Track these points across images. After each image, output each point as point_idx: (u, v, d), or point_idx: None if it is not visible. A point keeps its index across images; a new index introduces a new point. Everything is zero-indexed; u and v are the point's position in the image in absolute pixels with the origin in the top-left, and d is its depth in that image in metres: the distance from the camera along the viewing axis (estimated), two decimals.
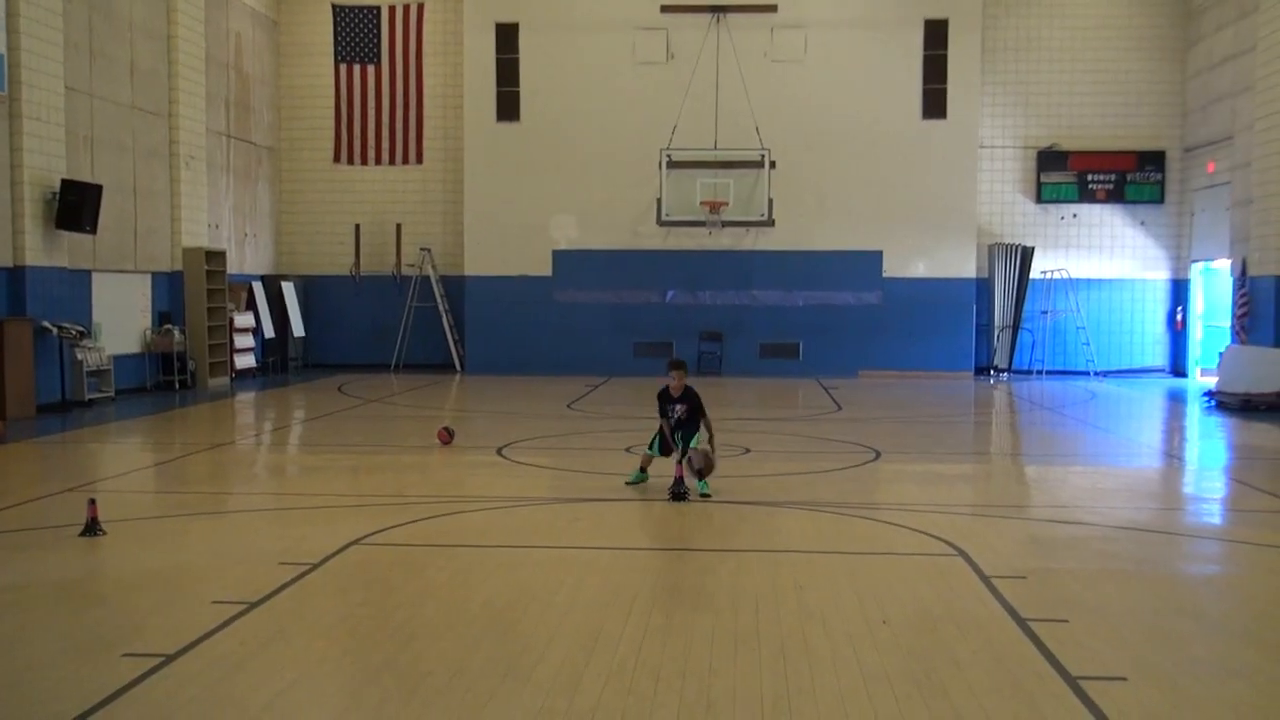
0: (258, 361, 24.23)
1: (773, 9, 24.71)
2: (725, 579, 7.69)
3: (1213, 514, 10.84)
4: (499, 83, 25.32)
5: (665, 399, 11.08)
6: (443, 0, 25.84)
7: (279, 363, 25.22)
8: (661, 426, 11.04)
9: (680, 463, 10.47)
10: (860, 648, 6.12)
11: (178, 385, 20.75)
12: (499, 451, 13.46)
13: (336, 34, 25.77)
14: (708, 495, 10.39)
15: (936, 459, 13.95)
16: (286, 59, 26.27)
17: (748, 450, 13.69)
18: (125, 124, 19.88)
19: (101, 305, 19.04)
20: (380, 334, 26.04)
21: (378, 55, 25.82)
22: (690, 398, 10.99)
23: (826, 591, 7.28)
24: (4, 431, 14.47)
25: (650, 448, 11.11)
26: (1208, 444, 16.03)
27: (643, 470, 11.03)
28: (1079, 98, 25.35)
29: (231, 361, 22.67)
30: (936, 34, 24.81)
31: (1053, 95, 25.40)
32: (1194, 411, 19.28)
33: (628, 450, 13.57)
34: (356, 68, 25.88)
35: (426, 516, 9.63)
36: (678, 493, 10.21)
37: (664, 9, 24.81)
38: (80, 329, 17.77)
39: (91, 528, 8.62)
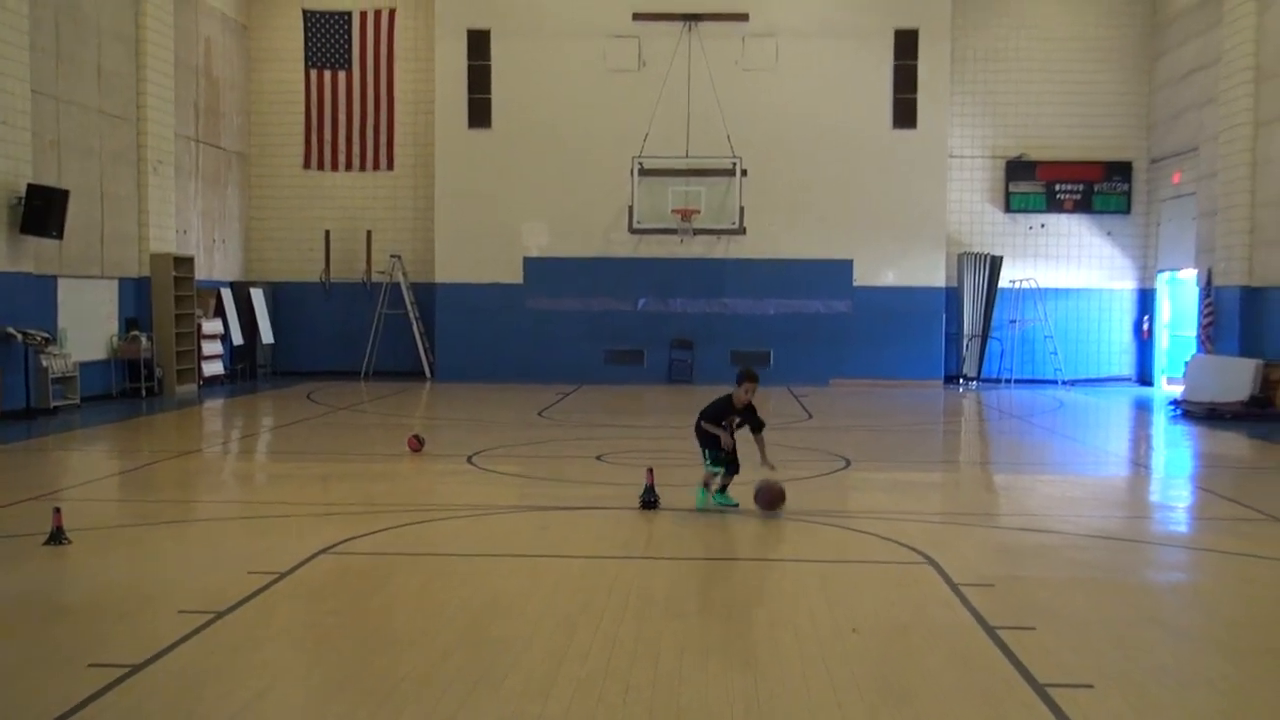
0: (226, 368, 24.05)
1: (744, 18, 24.80)
2: (695, 587, 7.69)
3: (1179, 522, 10.93)
4: (470, 89, 25.28)
5: (726, 409, 10.19)
6: (414, 6, 25.79)
7: (247, 370, 25.06)
8: (721, 440, 10.06)
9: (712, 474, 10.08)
10: (830, 656, 6.13)
11: (144, 392, 20.57)
12: (469, 459, 13.42)
13: (307, 39, 25.67)
14: (735, 505, 10.07)
15: (906, 467, 14.02)
16: (257, 64, 26.13)
17: None
18: (92, 128, 19.72)
19: (67, 311, 18.87)
20: (350, 341, 25.90)
21: (349, 61, 25.73)
22: (750, 412, 10.24)
23: (796, 599, 7.29)
24: None
25: (713, 463, 10.11)
26: (1174, 452, 16.17)
27: (713, 488, 10.15)
28: (1047, 108, 25.55)
29: (199, 368, 22.50)
30: (906, 44, 24.95)
31: (1021, 106, 25.60)
32: (1160, 420, 19.45)
33: (598, 459, 13.57)
34: (327, 73, 25.78)
35: (396, 525, 9.59)
36: (648, 501, 10.19)
37: (636, 17, 24.85)
38: (45, 335, 17.58)
39: (56, 536, 8.52)
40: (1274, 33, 19.91)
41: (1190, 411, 19.33)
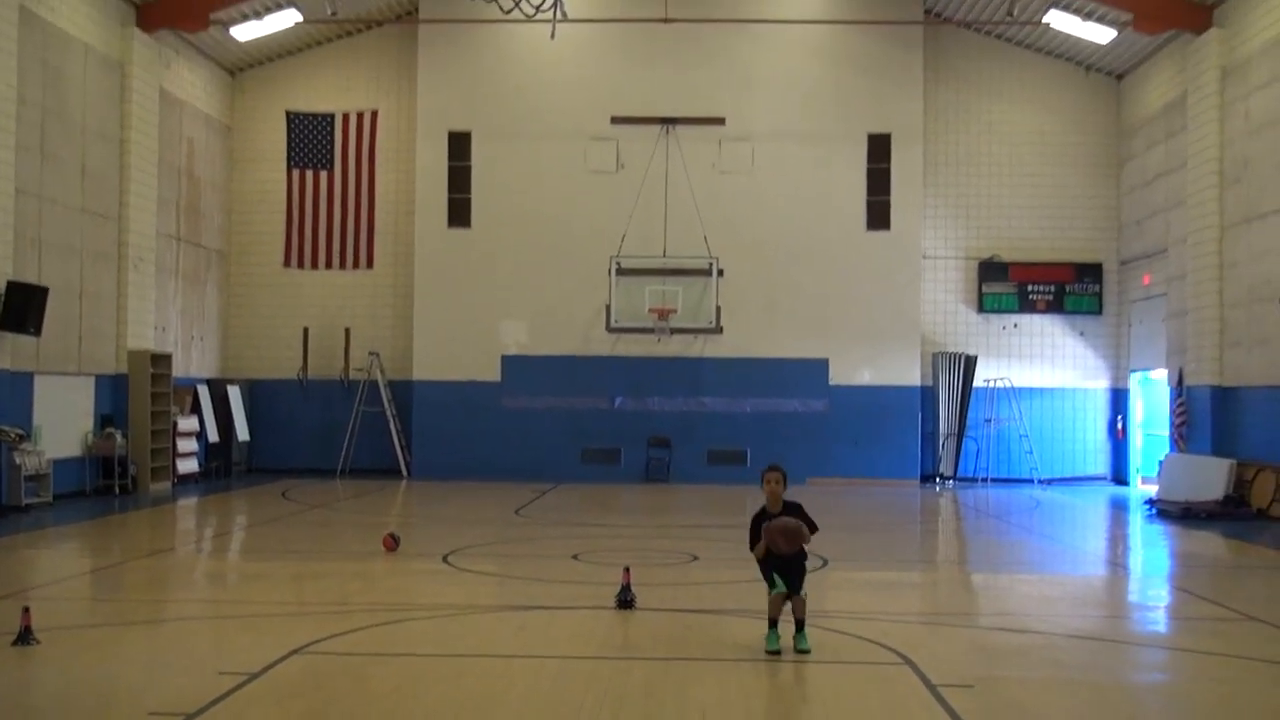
0: (201, 466, 23.89)
1: (720, 122, 25.26)
2: (672, 688, 7.63)
3: (1156, 622, 10.93)
4: (451, 189, 25.58)
5: (762, 518, 8.75)
6: (396, 108, 26.18)
7: (222, 467, 24.87)
8: (759, 553, 8.72)
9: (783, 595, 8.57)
10: None
11: (118, 490, 20.37)
12: (445, 558, 13.32)
13: (290, 140, 25.99)
14: (806, 651, 8.44)
15: (884, 567, 13.99)
16: (239, 164, 26.40)
17: (695, 558, 13.65)
18: (74, 226, 19.83)
19: (43, 408, 18.75)
20: (326, 438, 25.78)
21: (330, 161, 26.04)
22: (795, 512, 8.74)
23: (774, 701, 7.24)
24: None
25: (775, 585, 8.63)
26: (1150, 552, 16.20)
27: (773, 626, 8.56)
28: (1018, 211, 26.00)
29: (174, 466, 22.34)
30: (879, 148, 25.44)
31: (993, 208, 26.04)
32: (1136, 519, 19.49)
33: (575, 558, 13.49)
34: (309, 173, 26.06)
35: (370, 625, 9.49)
36: (624, 600, 10.12)
37: (615, 120, 25.29)
38: (20, 432, 17.47)
39: (25, 636, 8.39)
40: (1237, 139, 20.44)
41: (1165, 511, 19.40)
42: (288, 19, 23.78)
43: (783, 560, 8.62)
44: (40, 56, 18.72)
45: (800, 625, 8.58)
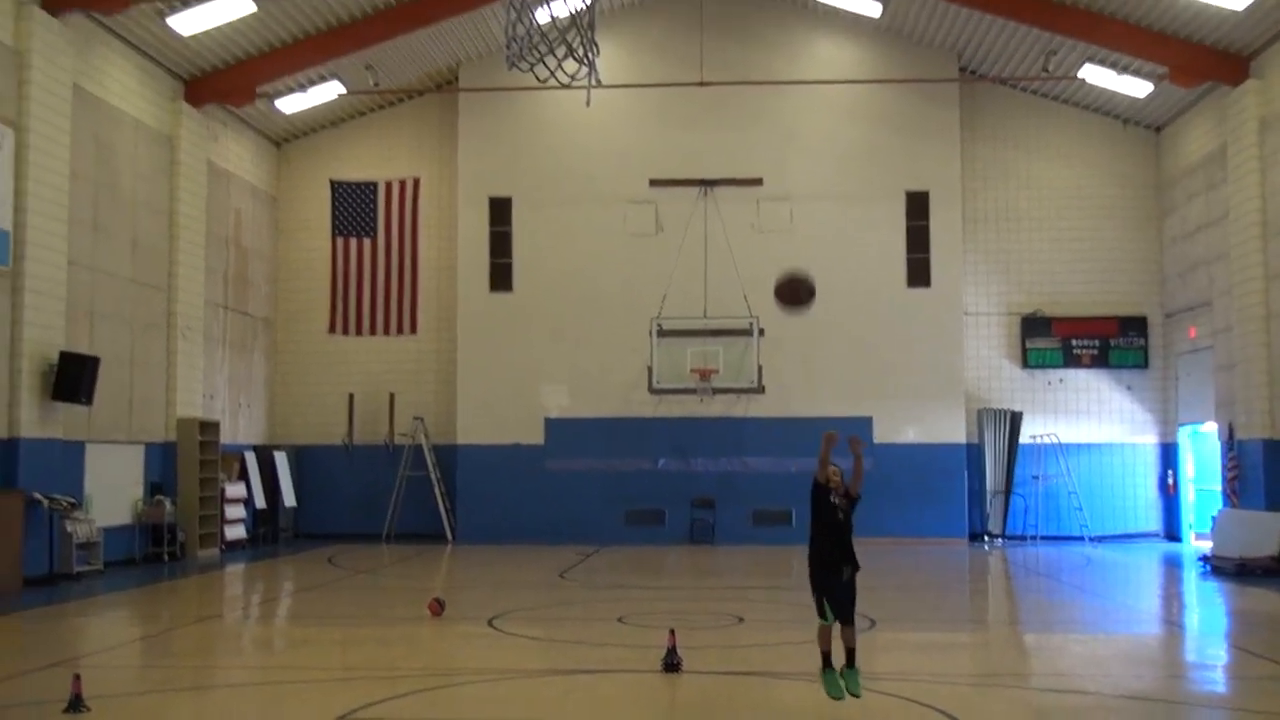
0: (248, 532, 24.04)
1: (758, 182, 25.41)
2: None
3: (1214, 681, 10.71)
4: (492, 254, 25.85)
5: (822, 491, 9.12)
6: (438, 176, 26.57)
7: (269, 533, 25.03)
8: (821, 539, 9.03)
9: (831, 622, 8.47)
10: None
11: (167, 557, 20.54)
12: (490, 622, 13.30)
13: (334, 209, 26.42)
14: (857, 695, 8.41)
15: (933, 627, 13.83)
16: (284, 233, 26.83)
17: (742, 619, 13.56)
18: (125, 297, 20.19)
19: (94, 476, 18.99)
20: (372, 503, 25.88)
21: (374, 228, 26.43)
22: (848, 497, 8.96)
23: None
24: None
25: (825, 615, 8.46)
26: (1205, 610, 15.91)
27: (828, 663, 8.43)
28: (1060, 265, 25.88)
29: (221, 532, 22.52)
30: (918, 205, 25.47)
31: (1034, 263, 25.93)
32: (1190, 576, 19.17)
33: (620, 620, 13.44)
34: (353, 240, 26.45)
35: (417, 690, 9.48)
36: (670, 663, 10.05)
37: (653, 183, 25.51)
38: (71, 500, 17.68)
39: (76, 704, 8.46)
40: (1278, 190, 20.27)
41: (1219, 567, 19.05)
42: (331, 91, 24.33)
43: (834, 588, 8.65)
44: (93, 132, 19.20)
45: (851, 657, 8.37)
